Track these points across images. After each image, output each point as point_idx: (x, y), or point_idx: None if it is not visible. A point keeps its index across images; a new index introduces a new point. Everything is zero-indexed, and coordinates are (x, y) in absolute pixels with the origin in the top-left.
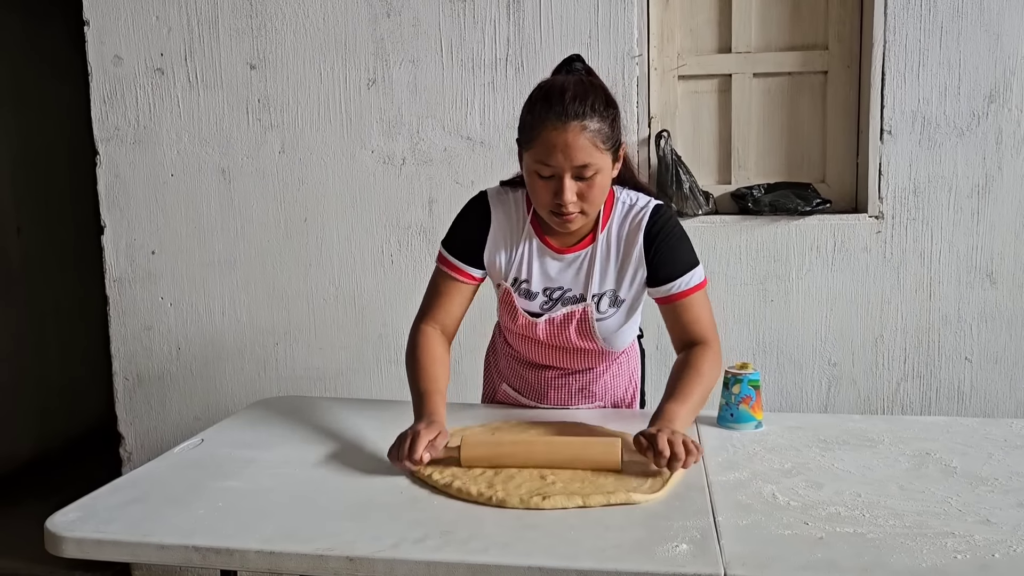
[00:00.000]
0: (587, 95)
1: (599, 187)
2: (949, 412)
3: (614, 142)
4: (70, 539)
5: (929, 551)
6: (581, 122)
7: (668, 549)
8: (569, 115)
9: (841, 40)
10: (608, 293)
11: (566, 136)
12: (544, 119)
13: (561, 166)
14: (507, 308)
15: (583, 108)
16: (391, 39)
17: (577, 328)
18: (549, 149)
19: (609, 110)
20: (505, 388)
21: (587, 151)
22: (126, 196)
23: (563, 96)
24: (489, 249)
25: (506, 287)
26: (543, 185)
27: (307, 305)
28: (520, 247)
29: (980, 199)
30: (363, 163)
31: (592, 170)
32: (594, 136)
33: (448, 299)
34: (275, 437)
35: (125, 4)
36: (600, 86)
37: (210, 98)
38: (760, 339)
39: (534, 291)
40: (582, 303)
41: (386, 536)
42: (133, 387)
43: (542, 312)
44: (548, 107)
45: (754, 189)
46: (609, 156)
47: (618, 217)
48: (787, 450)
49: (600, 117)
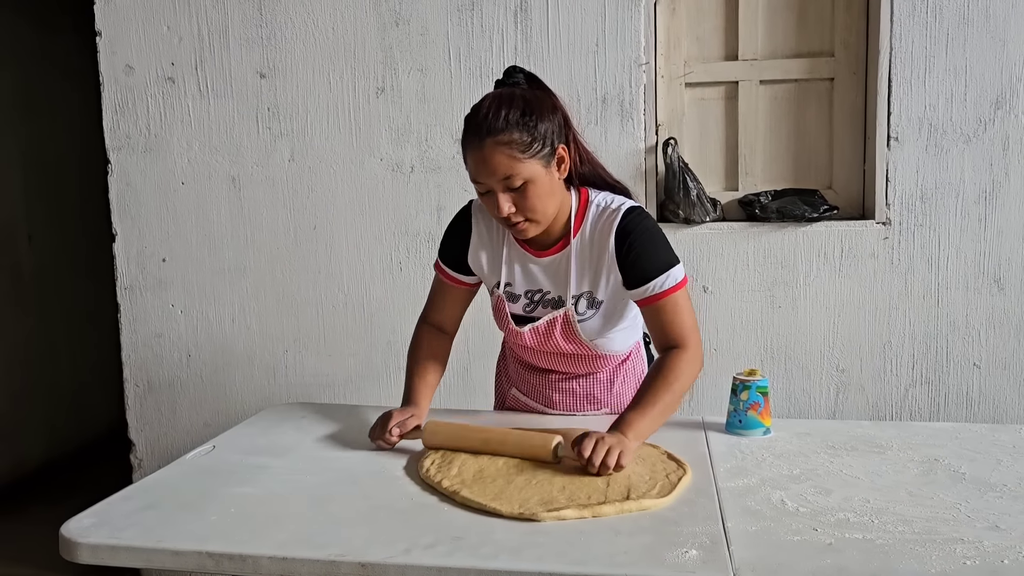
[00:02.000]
0: (500, 108)
1: (535, 194)
2: (958, 418)
3: (539, 148)
4: (85, 545)
5: (938, 557)
6: (494, 137)
7: (678, 555)
8: (482, 133)
9: (848, 47)
10: (585, 295)
11: (483, 153)
12: (467, 141)
13: (487, 182)
14: (499, 316)
15: (495, 122)
16: (400, 48)
17: (562, 332)
18: (475, 168)
19: (526, 117)
20: (515, 393)
21: (506, 164)
22: (137, 204)
23: (476, 115)
24: (472, 257)
25: (499, 295)
26: (486, 201)
27: (316, 312)
28: (501, 252)
29: (987, 205)
30: (372, 171)
31: (519, 180)
32: (510, 147)
33: (443, 301)
34: (286, 444)
35: (136, 14)
36: (521, 97)
37: (220, 107)
38: (768, 345)
39: (517, 293)
40: (561, 307)
41: (398, 542)
42: (143, 394)
43: (525, 315)
44: (467, 129)
45: (761, 196)
46: (537, 162)
47: (591, 219)
48: (796, 456)
49: (515, 127)
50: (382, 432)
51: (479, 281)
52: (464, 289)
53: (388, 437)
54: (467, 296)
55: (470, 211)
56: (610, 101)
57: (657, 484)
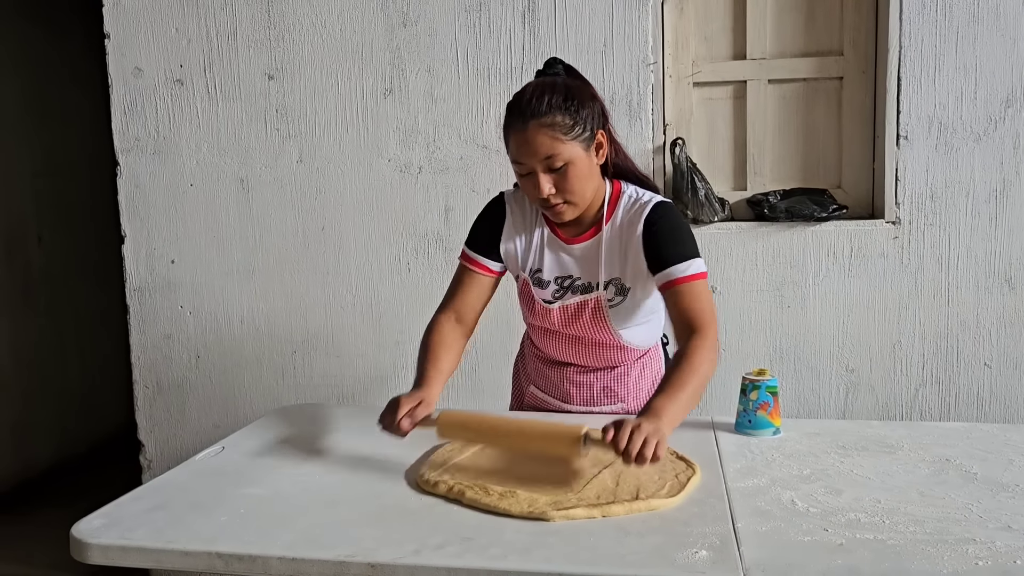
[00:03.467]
0: (544, 94)
1: (576, 176)
2: (968, 418)
3: (580, 131)
4: (95, 546)
5: (950, 558)
6: (538, 120)
7: (688, 555)
8: (526, 115)
9: (856, 46)
10: (614, 281)
11: (526, 134)
12: (509, 124)
13: (530, 163)
14: (525, 299)
15: (539, 106)
16: (407, 49)
17: (591, 315)
18: (517, 149)
19: (568, 102)
20: (532, 390)
21: (548, 144)
22: (146, 206)
23: (520, 100)
24: (504, 241)
25: (524, 277)
26: (525, 183)
27: (325, 313)
28: (533, 238)
29: (998, 204)
30: (380, 172)
31: (560, 160)
32: (553, 129)
33: (466, 290)
34: (295, 445)
35: (145, 17)
36: (563, 84)
37: (229, 108)
38: (777, 345)
39: (546, 279)
40: (591, 292)
41: (407, 542)
42: (153, 395)
43: (554, 300)
44: (510, 113)
45: (770, 195)
46: (578, 145)
47: (623, 209)
48: (806, 456)
49: (559, 110)
50: (392, 420)
51: (503, 271)
52: (490, 279)
53: (398, 427)
54: (491, 287)
55: (503, 199)
56: (618, 101)
57: (666, 484)
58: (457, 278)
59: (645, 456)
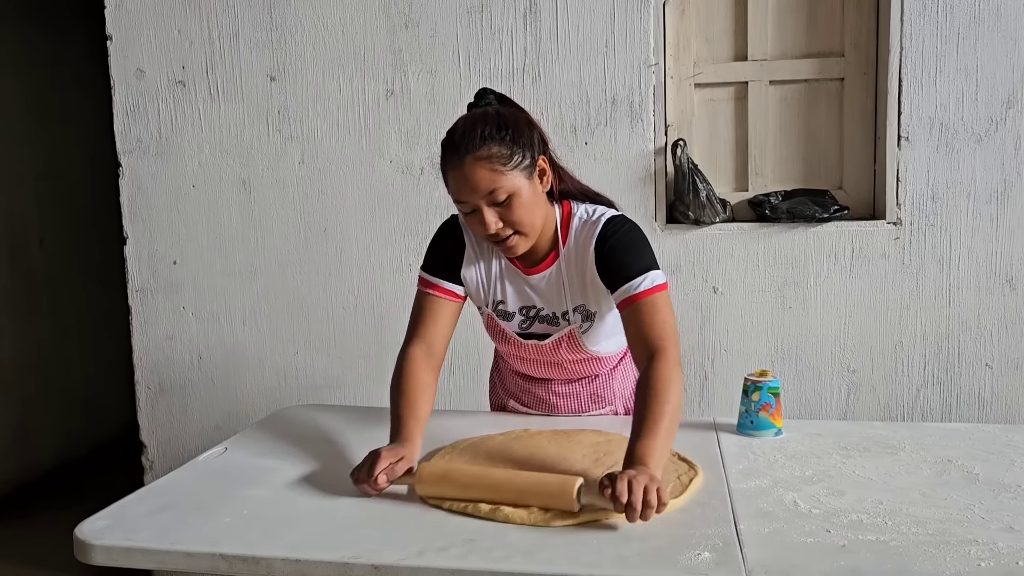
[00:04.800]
0: (475, 126)
1: (521, 206)
2: (970, 419)
3: (520, 159)
4: (99, 547)
5: (952, 559)
6: (474, 154)
7: (691, 557)
8: (461, 151)
9: (857, 47)
10: (579, 308)
11: (463, 171)
12: (446, 162)
13: (472, 199)
14: (495, 332)
15: (472, 140)
16: (409, 50)
17: (568, 346)
18: (457, 187)
19: (503, 132)
20: (514, 405)
21: (488, 178)
22: (148, 207)
23: (453, 136)
24: (465, 269)
25: (488, 312)
26: (471, 221)
27: (327, 314)
28: (492, 268)
29: (999, 205)
30: (382, 173)
31: (504, 193)
32: (491, 161)
33: (432, 317)
34: (298, 446)
35: (147, 18)
36: (495, 113)
37: (231, 110)
38: (779, 346)
39: (511, 311)
40: (558, 324)
41: (410, 544)
42: (155, 396)
43: (522, 331)
44: (445, 151)
45: (771, 196)
46: (519, 174)
47: (575, 231)
48: (808, 457)
49: (492, 140)
50: (368, 476)
51: (465, 298)
52: (455, 304)
53: (374, 483)
54: (456, 314)
55: (458, 224)
56: (619, 102)
57: (669, 485)
58: (420, 306)
59: (651, 504)
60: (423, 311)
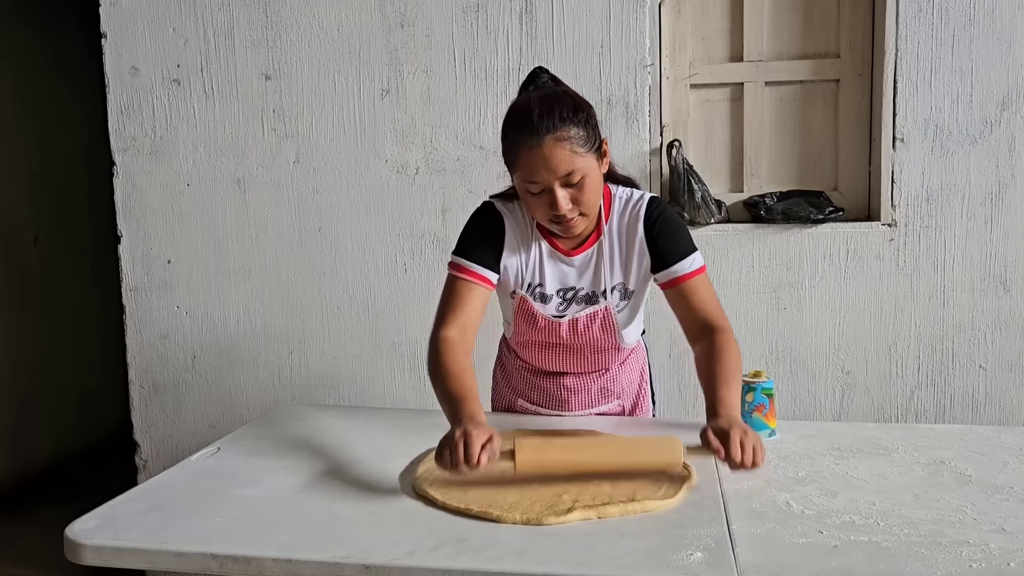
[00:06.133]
0: (552, 106)
1: (590, 188)
2: (963, 420)
3: (592, 142)
4: (89, 547)
5: (944, 560)
6: (553, 134)
7: (683, 557)
8: (540, 131)
9: (853, 48)
10: (618, 286)
11: (543, 151)
12: (519, 141)
13: (547, 180)
14: (525, 315)
15: (551, 120)
16: (405, 49)
17: (601, 325)
18: (532, 168)
19: (578, 113)
20: (522, 403)
21: (567, 159)
22: (142, 206)
23: (530, 115)
24: (506, 255)
25: (521, 295)
26: (536, 201)
27: (321, 313)
28: (531, 252)
29: (993, 206)
30: (377, 172)
31: (579, 175)
32: (570, 143)
33: (465, 304)
34: (290, 445)
35: (142, 16)
36: (565, 92)
37: (225, 108)
38: (773, 347)
39: (548, 293)
40: (596, 302)
41: (402, 544)
42: (149, 395)
43: (560, 315)
44: (520, 129)
45: (766, 197)
46: (592, 156)
47: (617, 212)
48: (801, 458)
49: (571, 123)
50: (467, 456)
51: (497, 282)
52: (488, 290)
53: (472, 464)
54: (486, 301)
55: (495, 209)
56: (615, 103)
57: (662, 486)
58: (453, 291)
59: (758, 462)
60: (456, 296)
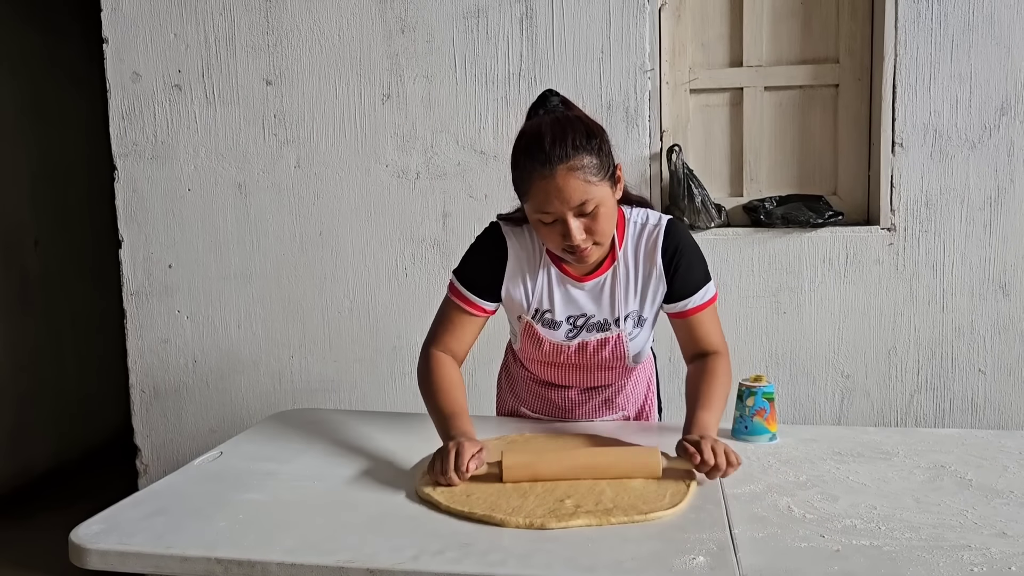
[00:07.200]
0: (564, 134)
1: (604, 217)
2: (963, 424)
3: (606, 169)
4: (94, 551)
5: (946, 564)
6: (566, 164)
7: (685, 562)
8: (553, 161)
9: (852, 53)
10: (633, 314)
11: (556, 182)
12: (531, 171)
13: (560, 211)
14: (531, 339)
15: (564, 149)
16: (405, 55)
17: (612, 351)
18: (544, 198)
19: (591, 140)
20: (524, 412)
21: (581, 189)
22: (143, 210)
23: (542, 143)
24: (507, 283)
25: (527, 320)
26: (549, 231)
27: (322, 318)
28: (539, 278)
29: (992, 211)
30: (378, 177)
31: (592, 204)
32: (583, 172)
33: (459, 329)
34: (293, 450)
35: (143, 21)
36: (578, 117)
37: (227, 114)
38: (773, 351)
39: (558, 320)
40: (609, 329)
41: (406, 548)
42: (150, 399)
43: (569, 341)
44: (532, 158)
45: (766, 202)
46: (606, 184)
47: (632, 237)
48: (802, 462)
49: (584, 151)
50: (457, 467)
51: (496, 309)
52: (484, 318)
53: (460, 474)
54: (482, 325)
55: (501, 234)
56: (615, 108)
57: (667, 493)
58: (448, 315)
59: (732, 464)
60: (450, 321)
